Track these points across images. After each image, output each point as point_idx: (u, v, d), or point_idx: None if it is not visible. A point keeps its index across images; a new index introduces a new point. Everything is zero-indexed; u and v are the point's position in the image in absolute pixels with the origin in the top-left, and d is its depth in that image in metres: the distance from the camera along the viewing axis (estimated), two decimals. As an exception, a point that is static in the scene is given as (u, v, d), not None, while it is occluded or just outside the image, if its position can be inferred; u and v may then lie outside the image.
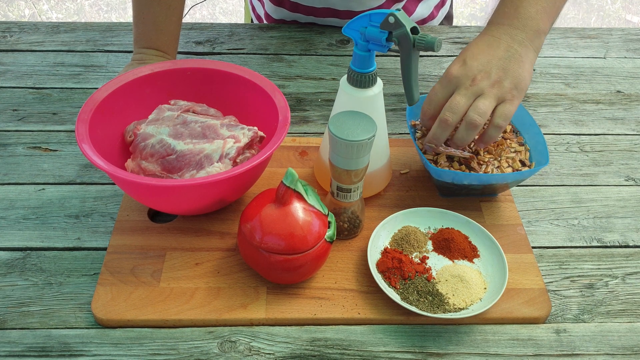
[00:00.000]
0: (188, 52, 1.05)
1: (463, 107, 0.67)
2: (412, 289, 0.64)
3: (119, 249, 0.69)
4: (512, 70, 0.68)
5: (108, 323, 0.63)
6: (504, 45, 0.70)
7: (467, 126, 0.68)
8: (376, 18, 0.63)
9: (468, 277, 0.65)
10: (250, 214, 0.63)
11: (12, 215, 0.74)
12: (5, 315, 0.63)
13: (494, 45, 0.70)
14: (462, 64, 0.69)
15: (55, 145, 0.85)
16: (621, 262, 0.72)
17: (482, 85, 0.68)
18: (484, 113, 0.67)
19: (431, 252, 0.69)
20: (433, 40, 0.61)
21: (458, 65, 0.69)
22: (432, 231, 0.72)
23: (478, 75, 0.68)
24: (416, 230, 0.70)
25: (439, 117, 0.68)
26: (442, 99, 0.70)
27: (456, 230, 0.70)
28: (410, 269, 0.65)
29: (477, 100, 0.68)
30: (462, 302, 0.63)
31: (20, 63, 1.01)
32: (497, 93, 0.68)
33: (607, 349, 0.63)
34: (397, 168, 0.81)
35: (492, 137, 0.70)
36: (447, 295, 0.63)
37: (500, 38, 0.70)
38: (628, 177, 0.83)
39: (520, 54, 0.69)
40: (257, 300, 0.65)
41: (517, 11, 0.72)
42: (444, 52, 1.08)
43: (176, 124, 0.73)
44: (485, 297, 0.64)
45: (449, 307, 0.63)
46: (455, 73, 0.69)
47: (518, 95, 0.69)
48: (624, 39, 1.13)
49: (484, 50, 0.70)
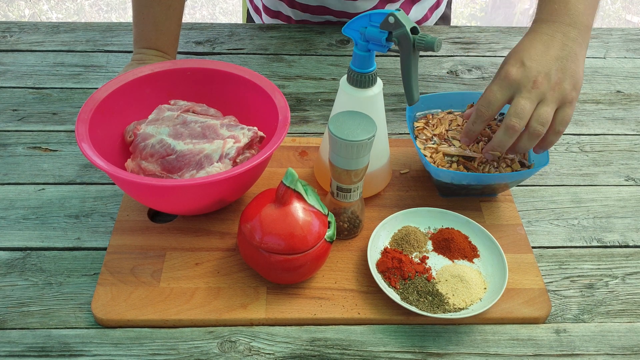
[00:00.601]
0: (188, 52, 1.05)
1: (528, 112, 0.66)
2: (412, 289, 0.64)
3: (119, 249, 0.69)
4: (570, 70, 0.67)
5: (108, 323, 0.63)
6: (558, 43, 0.68)
7: (529, 136, 0.67)
8: (376, 18, 0.63)
9: (468, 277, 0.65)
10: (250, 214, 0.63)
11: (12, 215, 0.74)
12: (5, 315, 0.63)
13: (549, 44, 0.68)
14: (521, 65, 0.67)
15: (55, 145, 0.85)
16: (621, 262, 0.72)
17: (544, 89, 0.66)
18: (546, 122, 0.66)
19: (431, 252, 0.69)
20: (433, 40, 0.61)
21: (516, 67, 0.67)
22: (432, 231, 0.72)
23: (538, 78, 0.66)
24: (416, 230, 0.70)
25: (505, 123, 0.66)
26: (501, 102, 0.68)
27: (456, 230, 0.70)
28: (410, 269, 0.65)
29: (539, 107, 0.66)
30: (462, 302, 0.63)
31: (20, 63, 1.01)
32: (558, 96, 0.66)
33: (607, 349, 0.63)
34: (397, 168, 0.81)
35: (552, 142, 0.69)
36: (447, 295, 0.63)
37: (554, 36, 0.69)
38: (628, 177, 0.83)
39: (575, 52, 0.68)
40: (257, 300, 0.65)
41: (567, 7, 0.70)
42: (444, 52, 1.08)
43: (176, 124, 0.73)
44: (485, 297, 0.64)
45: (449, 307, 0.63)
46: (515, 76, 0.67)
47: (576, 96, 0.68)
48: (623, 39, 1.13)
49: (541, 51, 0.68)
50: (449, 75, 1.03)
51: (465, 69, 1.04)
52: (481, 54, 1.08)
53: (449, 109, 0.82)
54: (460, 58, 1.07)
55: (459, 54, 1.08)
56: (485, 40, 1.12)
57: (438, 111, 0.82)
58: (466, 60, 1.06)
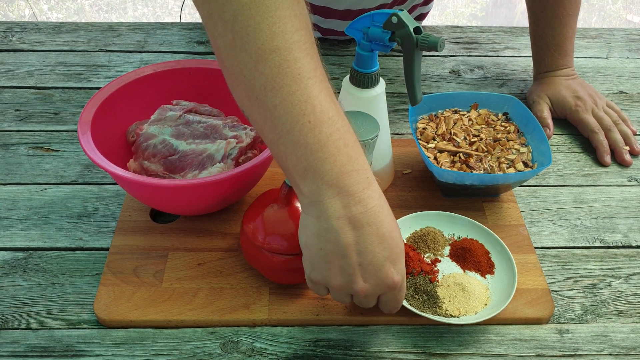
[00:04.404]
0: (190, 52, 1.05)
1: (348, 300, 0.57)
2: (410, 284, 0.64)
3: (121, 249, 0.69)
4: (370, 254, 0.53)
5: (110, 323, 0.63)
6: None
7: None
8: (379, 18, 0.63)
9: (471, 288, 0.63)
10: (253, 214, 0.63)
11: (15, 216, 0.74)
12: (7, 316, 0.63)
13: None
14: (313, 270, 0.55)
15: (57, 145, 0.85)
16: (624, 262, 0.72)
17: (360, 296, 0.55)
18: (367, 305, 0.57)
19: (445, 257, 0.69)
20: (436, 40, 0.61)
21: (314, 273, 0.55)
22: (456, 239, 0.71)
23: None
24: (437, 233, 0.70)
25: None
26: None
27: (479, 244, 0.69)
28: (416, 266, 0.65)
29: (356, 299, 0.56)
30: (456, 310, 0.62)
31: (22, 63, 1.01)
32: (378, 291, 0.55)
33: (610, 350, 0.63)
34: (400, 168, 0.81)
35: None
36: (444, 299, 0.63)
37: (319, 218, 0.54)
38: (631, 178, 0.83)
39: (369, 221, 0.53)
40: (260, 301, 0.64)
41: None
42: (446, 52, 1.08)
43: (179, 124, 0.73)
44: (482, 312, 0.63)
45: (440, 311, 0.62)
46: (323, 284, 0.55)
47: (402, 279, 0.56)
48: (626, 39, 1.13)
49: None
50: (451, 75, 1.03)
51: (468, 68, 1.04)
52: (483, 53, 1.08)
53: (452, 108, 0.82)
54: (462, 58, 1.07)
55: (461, 54, 1.08)
56: (487, 40, 1.12)
57: (442, 111, 0.82)
58: (468, 60, 1.06)
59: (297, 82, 0.48)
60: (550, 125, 0.90)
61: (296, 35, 0.48)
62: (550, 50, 0.92)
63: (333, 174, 0.49)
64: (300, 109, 0.48)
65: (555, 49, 0.92)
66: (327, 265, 0.52)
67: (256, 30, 0.47)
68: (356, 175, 0.50)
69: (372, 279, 0.52)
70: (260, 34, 0.47)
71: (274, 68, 0.48)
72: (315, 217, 0.50)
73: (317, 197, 0.49)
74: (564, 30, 0.91)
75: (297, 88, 0.48)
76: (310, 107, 0.48)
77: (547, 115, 0.91)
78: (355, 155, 0.50)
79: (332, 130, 0.49)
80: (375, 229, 0.50)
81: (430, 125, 0.79)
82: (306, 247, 0.53)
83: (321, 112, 0.48)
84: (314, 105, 0.48)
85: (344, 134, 0.50)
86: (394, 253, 0.52)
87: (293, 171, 0.50)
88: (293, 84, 0.48)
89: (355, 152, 0.50)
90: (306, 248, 0.53)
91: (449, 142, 0.77)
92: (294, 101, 0.48)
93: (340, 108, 0.51)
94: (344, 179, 0.49)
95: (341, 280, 0.52)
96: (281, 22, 0.47)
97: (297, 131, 0.48)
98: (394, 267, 0.52)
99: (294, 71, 0.48)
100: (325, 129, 0.48)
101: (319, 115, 0.48)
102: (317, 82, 0.49)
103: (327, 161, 0.49)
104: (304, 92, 0.48)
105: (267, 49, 0.47)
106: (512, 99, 0.81)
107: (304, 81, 0.48)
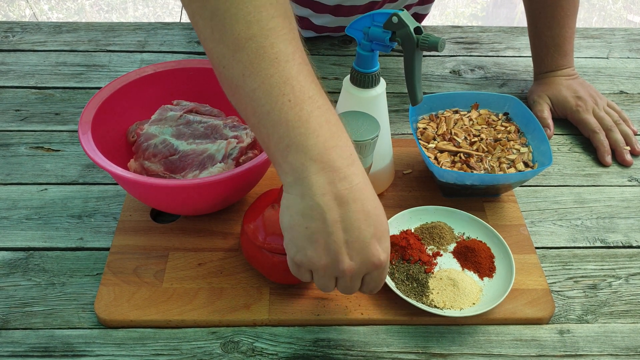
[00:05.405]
0: (190, 52, 1.05)
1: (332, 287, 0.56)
2: (403, 269, 0.65)
3: (122, 249, 0.69)
4: (356, 228, 0.53)
5: (111, 323, 0.63)
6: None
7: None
8: (379, 18, 0.63)
9: (463, 285, 0.64)
10: (253, 214, 0.63)
11: (15, 216, 0.74)
12: (8, 316, 0.63)
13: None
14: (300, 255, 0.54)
15: (58, 145, 0.85)
16: (624, 262, 0.72)
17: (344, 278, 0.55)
18: (351, 291, 0.57)
19: (449, 253, 0.69)
20: (437, 40, 0.61)
21: (299, 255, 0.53)
22: (465, 238, 0.71)
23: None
24: (446, 229, 0.70)
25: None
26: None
27: (486, 247, 0.69)
28: (415, 254, 0.65)
29: (341, 282, 0.55)
30: (442, 302, 0.63)
31: (22, 63, 1.01)
32: (363, 270, 0.54)
33: (610, 350, 0.63)
34: (400, 168, 0.81)
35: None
36: (432, 290, 0.64)
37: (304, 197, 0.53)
38: (631, 178, 0.83)
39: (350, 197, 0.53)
40: (260, 301, 0.64)
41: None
42: (447, 52, 1.08)
43: (179, 124, 0.73)
44: (466, 310, 0.63)
45: (426, 300, 0.63)
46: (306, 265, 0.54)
47: (387, 257, 0.55)
48: (626, 39, 1.13)
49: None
50: (452, 75, 1.03)
51: (468, 68, 1.04)
52: (484, 53, 1.08)
53: (452, 108, 0.82)
54: (462, 58, 1.07)
55: (461, 54, 1.08)
56: (488, 40, 1.12)
57: (442, 111, 0.82)
58: (469, 60, 1.06)
59: (274, 65, 0.48)
60: (551, 125, 0.90)
61: (272, 22, 0.48)
62: (550, 51, 0.92)
63: (317, 149, 0.48)
64: (280, 90, 0.48)
65: (554, 50, 0.92)
66: (313, 244, 0.51)
67: (232, 22, 0.48)
68: (340, 150, 0.49)
69: (358, 256, 0.51)
70: (236, 24, 0.48)
71: (251, 55, 0.48)
72: (299, 196, 0.50)
73: (302, 174, 0.49)
74: (563, 30, 0.91)
75: (274, 71, 0.48)
76: (289, 87, 0.48)
77: (547, 115, 0.91)
78: (338, 131, 0.50)
79: (312, 108, 0.49)
80: (360, 205, 0.50)
81: (431, 125, 0.79)
82: (290, 228, 0.52)
83: (300, 92, 0.49)
84: (292, 86, 0.48)
85: (325, 111, 0.50)
86: (379, 230, 0.52)
87: (275, 150, 0.50)
88: (271, 68, 0.48)
89: (338, 129, 0.50)
90: (290, 229, 0.52)
91: (449, 142, 0.77)
92: (272, 83, 0.48)
93: (322, 88, 0.51)
94: (328, 154, 0.49)
95: (327, 260, 0.51)
96: (256, 12, 0.48)
97: (278, 110, 0.48)
98: (379, 245, 0.52)
99: (271, 56, 0.48)
100: (307, 107, 0.49)
101: (299, 95, 0.48)
102: (295, 65, 0.49)
103: (310, 136, 0.48)
104: (282, 74, 0.48)
105: (243, 37, 0.48)
106: (512, 99, 0.81)
107: (281, 64, 0.48)
